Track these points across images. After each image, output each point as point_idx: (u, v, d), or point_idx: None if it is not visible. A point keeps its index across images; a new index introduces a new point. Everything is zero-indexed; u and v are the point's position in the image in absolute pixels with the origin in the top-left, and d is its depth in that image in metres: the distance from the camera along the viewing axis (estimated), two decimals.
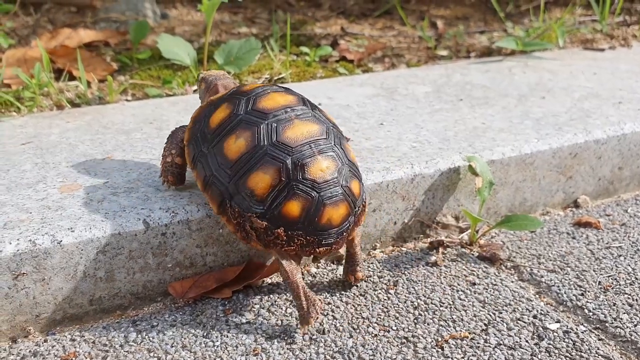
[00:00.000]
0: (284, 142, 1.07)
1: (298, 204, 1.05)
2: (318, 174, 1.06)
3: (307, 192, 1.05)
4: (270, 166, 1.06)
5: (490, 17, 3.19)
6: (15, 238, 1.07)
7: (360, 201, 1.13)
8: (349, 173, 1.10)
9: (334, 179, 1.07)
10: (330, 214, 1.07)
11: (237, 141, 1.09)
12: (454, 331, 1.13)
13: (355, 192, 1.11)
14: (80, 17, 2.79)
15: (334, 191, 1.07)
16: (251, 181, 1.06)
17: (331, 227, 1.08)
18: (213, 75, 1.32)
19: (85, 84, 1.86)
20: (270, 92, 1.16)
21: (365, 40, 2.65)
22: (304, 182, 1.05)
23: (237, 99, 1.15)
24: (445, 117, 1.69)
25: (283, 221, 1.06)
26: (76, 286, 1.11)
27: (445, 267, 1.32)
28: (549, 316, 1.18)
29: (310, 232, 1.06)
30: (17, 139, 1.50)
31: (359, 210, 1.13)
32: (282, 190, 1.05)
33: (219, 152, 1.10)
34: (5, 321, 1.08)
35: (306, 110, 1.14)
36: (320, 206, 1.06)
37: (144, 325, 1.12)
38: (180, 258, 1.19)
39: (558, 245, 1.43)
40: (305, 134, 1.09)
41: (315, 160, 1.07)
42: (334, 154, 1.09)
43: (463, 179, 1.43)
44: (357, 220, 1.13)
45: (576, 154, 1.58)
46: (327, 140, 1.10)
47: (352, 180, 1.10)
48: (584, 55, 2.46)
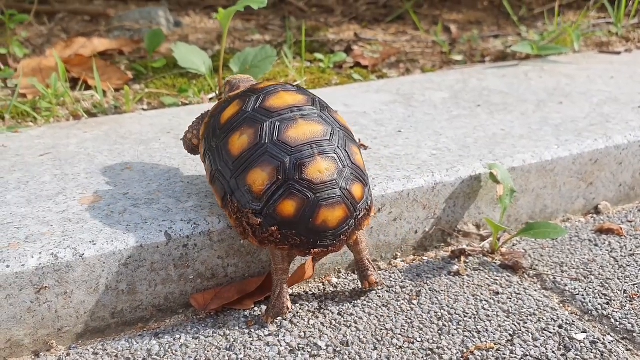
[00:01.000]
0: (285, 141, 1.08)
1: (293, 204, 1.05)
2: (316, 174, 1.06)
3: (303, 192, 1.05)
4: (268, 164, 1.07)
5: (504, 21, 3.18)
6: (38, 252, 1.06)
7: (363, 205, 1.12)
8: (351, 176, 1.10)
9: (332, 181, 1.07)
10: (326, 215, 1.06)
11: (241, 138, 1.11)
12: (479, 342, 1.11)
13: (356, 196, 1.10)
14: (94, 26, 2.80)
15: (331, 193, 1.06)
16: (250, 178, 1.07)
17: (327, 229, 1.07)
18: (238, 78, 1.35)
19: (101, 94, 1.86)
20: (281, 91, 1.17)
21: (380, 46, 2.64)
22: (301, 182, 1.05)
23: (248, 97, 1.17)
24: (464, 123, 1.68)
25: (278, 219, 1.06)
26: (98, 299, 1.11)
27: (467, 276, 1.31)
28: (575, 326, 1.16)
29: (305, 232, 1.06)
30: (35, 150, 1.50)
31: (361, 214, 1.12)
32: (278, 188, 1.06)
33: (225, 148, 1.13)
34: (28, 335, 1.08)
35: (313, 110, 1.15)
36: (316, 207, 1.05)
37: (166, 338, 1.12)
38: (201, 269, 1.18)
39: (580, 253, 1.42)
40: (308, 134, 1.09)
41: (314, 160, 1.07)
42: (335, 156, 1.09)
43: (484, 187, 1.42)
44: (358, 224, 1.11)
45: (597, 160, 1.57)
46: (330, 142, 1.10)
47: (353, 184, 1.09)
48: (600, 59, 2.44)
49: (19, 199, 1.25)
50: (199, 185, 1.31)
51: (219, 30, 2.87)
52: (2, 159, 1.45)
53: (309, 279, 1.28)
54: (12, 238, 1.10)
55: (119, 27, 2.69)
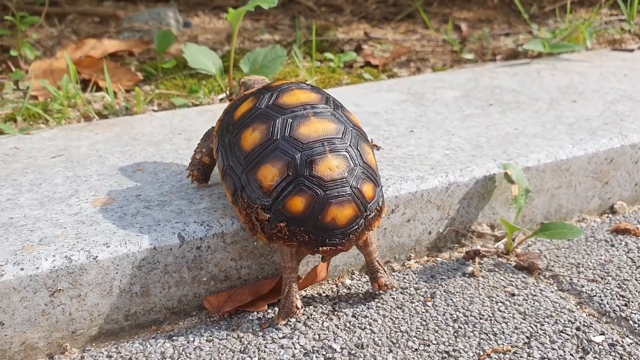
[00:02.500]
0: (296, 138, 1.08)
1: (302, 200, 1.05)
2: (326, 172, 1.06)
3: (312, 189, 1.05)
4: (279, 160, 1.07)
5: (514, 19, 3.15)
6: (51, 254, 1.06)
7: (374, 205, 1.11)
8: (362, 175, 1.09)
9: (342, 179, 1.06)
10: (335, 213, 1.05)
11: (253, 133, 1.11)
12: (495, 345, 1.10)
13: (367, 195, 1.09)
14: (103, 27, 2.80)
15: (341, 191, 1.06)
16: (260, 173, 1.07)
17: (336, 227, 1.06)
18: (252, 79, 1.36)
19: (112, 95, 1.86)
20: (295, 88, 1.17)
21: (390, 45, 2.63)
22: (311, 179, 1.05)
23: (262, 94, 1.18)
24: (476, 122, 1.67)
25: (287, 215, 1.05)
26: (112, 302, 1.11)
27: (482, 277, 1.30)
28: (593, 328, 1.15)
29: (313, 229, 1.06)
30: (47, 152, 1.50)
31: (372, 214, 1.11)
32: (288, 184, 1.05)
33: (237, 144, 1.13)
34: (42, 338, 1.07)
35: (327, 108, 1.14)
36: (325, 204, 1.05)
37: (180, 340, 1.11)
38: (215, 271, 1.17)
39: (597, 254, 1.40)
40: (320, 132, 1.09)
41: (325, 158, 1.07)
42: (346, 154, 1.09)
43: (498, 187, 1.40)
44: (368, 225, 1.10)
45: (612, 159, 1.55)
46: (341, 140, 1.10)
47: (364, 183, 1.09)
48: (613, 56, 2.42)
49: (32, 201, 1.25)
50: (211, 186, 1.31)
51: (228, 30, 2.86)
52: (14, 161, 1.45)
53: (322, 281, 1.27)
54: (26, 240, 1.10)
55: (128, 28, 2.69)
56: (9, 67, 2.20)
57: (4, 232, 1.13)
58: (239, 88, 1.37)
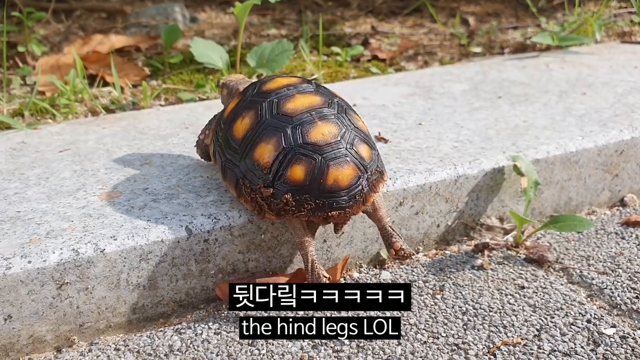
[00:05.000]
0: (284, 114, 1.11)
1: (302, 168, 1.06)
2: (319, 137, 1.08)
3: (309, 156, 1.07)
4: (271, 136, 1.09)
5: (522, 12, 3.13)
6: (59, 247, 1.06)
7: (373, 165, 1.11)
8: (356, 137, 1.11)
9: (336, 142, 1.08)
10: (336, 175, 1.06)
11: (243, 121, 1.14)
12: (505, 337, 1.09)
13: (364, 155, 1.10)
14: (110, 22, 2.80)
15: (338, 153, 1.08)
16: (256, 153, 1.09)
17: (339, 189, 1.07)
18: (233, 80, 1.38)
19: (119, 90, 1.86)
20: (276, 77, 1.21)
21: (397, 39, 2.62)
22: (305, 147, 1.07)
23: (247, 89, 1.22)
24: (485, 115, 1.65)
25: (290, 186, 1.06)
26: (119, 295, 1.10)
27: (491, 270, 1.29)
28: (604, 320, 1.13)
29: (318, 194, 1.06)
30: (54, 146, 1.50)
31: (374, 176, 1.11)
32: (285, 156, 1.07)
33: (230, 136, 1.16)
34: (50, 331, 1.07)
35: (309, 86, 1.18)
36: (324, 168, 1.06)
37: (188, 333, 1.11)
38: (222, 264, 1.17)
39: (607, 246, 1.39)
40: (306, 104, 1.12)
41: (315, 125, 1.09)
42: (336, 120, 1.11)
43: (507, 179, 1.39)
44: (372, 186, 1.10)
45: (622, 151, 1.53)
46: (329, 109, 1.13)
47: (359, 144, 1.11)
48: (622, 49, 2.39)
49: (40, 195, 1.24)
50: (218, 180, 1.30)
51: (235, 25, 2.85)
52: (22, 155, 1.45)
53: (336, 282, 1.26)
54: (33, 234, 1.10)
55: (135, 24, 2.69)
56: (16, 62, 2.20)
57: (11, 226, 1.13)
58: (220, 90, 1.40)
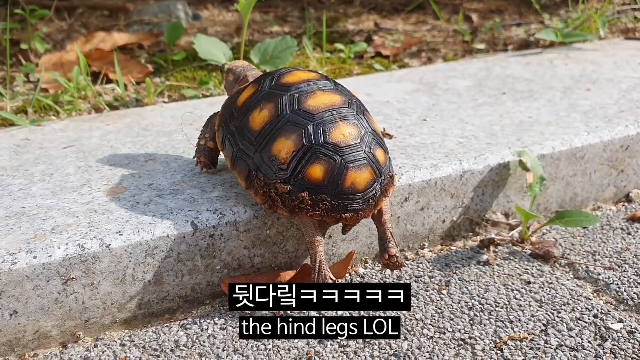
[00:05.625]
0: (306, 110, 1.09)
1: (321, 168, 1.05)
2: (340, 138, 1.07)
3: (329, 156, 1.06)
4: (292, 132, 1.07)
5: (526, 9, 3.13)
6: (64, 243, 1.06)
7: (387, 171, 1.12)
8: (373, 141, 1.10)
9: (356, 144, 1.07)
10: (354, 178, 1.06)
11: (262, 113, 1.12)
12: (512, 332, 1.09)
13: (380, 160, 1.10)
14: (113, 20, 2.79)
15: (358, 155, 1.07)
16: (275, 148, 1.08)
17: (356, 192, 1.06)
18: (240, 66, 1.36)
19: (122, 87, 1.86)
20: (294, 70, 1.19)
21: (401, 36, 2.61)
22: (327, 146, 1.06)
23: (262, 79, 1.19)
24: (490, 111, 1.65)
25: (307, 185, 1.06)
26: (125, 290, 1.10)
27: (498, 266, 1.28)
28: (611, 316, 1.13)
29: (335, 196, 1.06)
30: (59, 143, 1.50)
31: (386, 180, 1.11)
32: (304, 154, 1.06)
33: (245, 126, 1.13)
34: (56, 327, 1.07)
35: (328, 83, 1.17)
36: (344, 170, 1.05)
37: (194, 329, 1.10)
38: (228, 260, 1.17)
39: (613, 242, 1.38)
40: (328, 103, 1.11)
41: (337, 125, 1.08)
42: (356, 122, 1.10)
43: (513, 175, 1.39)
44: (384, 190, 1.10)
45: (628, 146, 1.53)
46: (349, 109, 1.12)
47: (376, 148, 1.10)
48: (627, 45, 2.39)
49: (44, 191, 1.24)
50: (223, 175, 1.30)
51: (238, 23, 2.85)
52: (26, 152, 1.44)
53: (341, 279, 1.25)
54: (38, 229, 1.09)
55: (138, 22, 2.69)
56: (20, 60, 2.20)
57: (16, 222, 1.12)
58: (225, 75, 1.37)
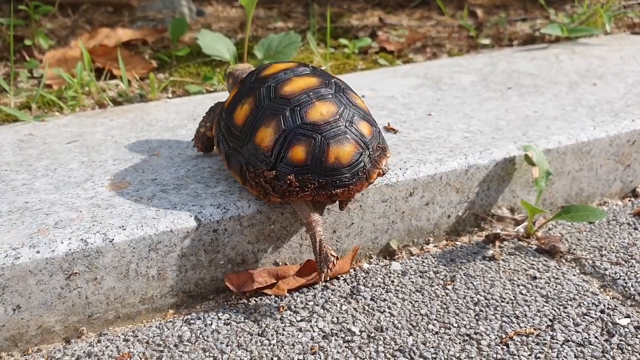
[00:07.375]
0: (282, 96, 1.12)
1: (302, 148, 1.07)
2: (317, 116, 1.09)
3: (309, 136, 1.08)
4: (271, 119, 1.10)
5: (531, 4, 3.11)
6: (67, 237, 1.05)
7: (374, 142, 1.12)
8: (355, 115, 1.12)
9: (335, 120, 1.09)
10: (337, 152, 1.07)
11: (243, 107, 1.16)
12: (518, 327, 1.08)
13: (365, 132, 1.11)
14: (117, 16, 2.79)
15: (337, 131, 1.08)
16: (257, 138, 1.10)
17: (342, 166, 1.07)
18: (239, 69, 1.38)
19: (126, 82, 1.85)
20: (274, 63, 1.23)
21: (405, 31, 2.60)
22: (305, 127, 1.08)
23: (245, 78, 1.24)
24: (495, 106, 1.64)
25: (292, 167, 1.07)
26: (128, 285, 1.10)
27: (503, 261, 1.27)
28: (618, 311, 1.12)
29: (321, 173, 1.07)
30: (62, 138, 1.50)
31: (376, 152, 1.11)
32: (285, 138, 1.08)
33: (232, 124, 1.17)
34: (59, 321, 1.07)
35: (306, 69, 1.19)
36: (325, 146, 1.07)
37: (197, 324, 1.10)
38: (232, 255, 1.16)
39: (619, 237, 1.37)
40: (303, 86, 1.14)
41: (313, 105, 1.10)
42: (333, 99, 1.12)
43: (518, 169, 1.38)
44: (375, 162, 1.11)
45: (634, 141, 1.52)
46: (327, 89, 1.14)
47: (359, 121, 1.12)
48: (632, 40, 2.37)
49: (48, 186, 1.24)
50: (226, 170, 1.29)
51: (241, 19, 2.84)
52: (29, 147, 1.44)
53: (345, 273, 1.24)
54: (41, 224, 1.09)
55: (142, 17, 2.68)
56: (24, 56, 2.20)
57: (19, 216, 1.12)
58: (226, 79, 1.40)
